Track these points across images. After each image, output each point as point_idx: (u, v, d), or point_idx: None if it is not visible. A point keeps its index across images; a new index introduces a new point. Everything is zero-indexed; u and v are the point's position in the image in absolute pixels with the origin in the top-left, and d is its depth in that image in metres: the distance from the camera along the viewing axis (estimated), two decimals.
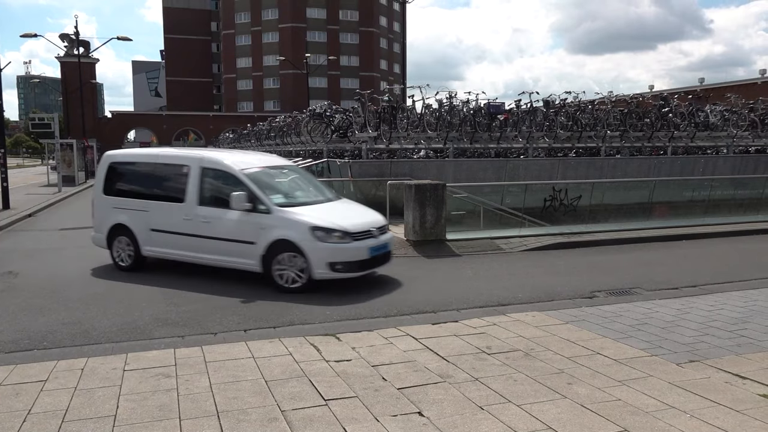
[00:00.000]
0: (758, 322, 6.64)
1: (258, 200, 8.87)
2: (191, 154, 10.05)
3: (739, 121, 22.83)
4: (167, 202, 9.70)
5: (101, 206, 10.58)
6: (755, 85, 49.12)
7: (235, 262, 9.12)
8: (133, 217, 10.03)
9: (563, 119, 20.37)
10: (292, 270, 8.59)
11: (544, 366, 5.39)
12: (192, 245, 9.38)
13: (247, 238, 8.86)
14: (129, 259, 10.19)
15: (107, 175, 10.56)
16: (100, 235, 10.55)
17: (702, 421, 4.24)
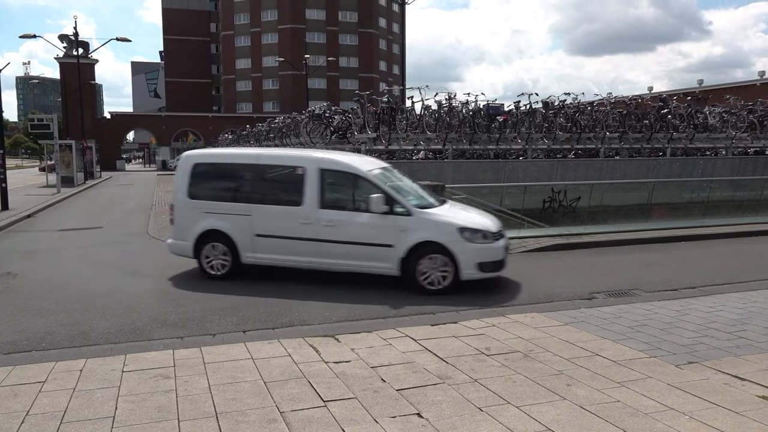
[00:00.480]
0: (757, 324, 6.65)
1: (395, 202, 8.66)
2: (304, 154, 9.84)
3: (738, 123, 22.84)
4: (279, 205, 9.17)
5: (186, 211, 9.59)
6: (754, 86, 49.17)
7: (366, 265, 8.85)
8: (232, 222, 9.25)
9: (562, 120, 20.38)
10: (436, 272, 8.50)
11: (543, 367, 5.38)
12: (311, 250, 8.93)
13: (384, 241, 8.62)
14: (223, 268, 9.38)
15: (192, 177, 9.62)
16: (185, 243, 9.53)
17: (701, 423, 4.24)
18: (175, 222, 9.82)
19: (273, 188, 9.45)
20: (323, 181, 8.96)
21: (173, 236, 9.93)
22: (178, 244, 9.77)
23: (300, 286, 8.93)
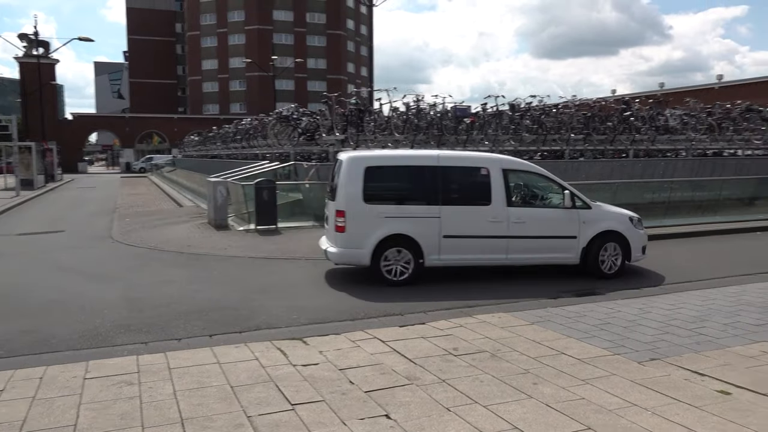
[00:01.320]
0: (716, 321, 6.82)
1: (576, 197, 9.56)
2: (485, 155, 10.39)
3: (698, 125, 23.43)
4: (467, 205, 9.27)
5: (363, 216, 9.00)
6: (713, 90, 50.54)
7: (549, 257, 9.64)
8: (417, 225, 9.05)
9: (528, 122, 20.63)
10: (611, 258, 9.58)
11: (510, 366, 5.44)
12: (501, 247, 9.29)
13: (568, 233, 9.47)
14: (405, 272, 9.07)
15: (366, 181, 9.05)
16: (359, 251, 9.00)
17: (663, 418, 4.34)
18: (348, 229, 9.00)
19: (458, 189, 9.49)
20: (507, 180, 9.35)
21: (342, 245, 9.12)
22: (348, 252, 9.14)
23: None
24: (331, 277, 9.86)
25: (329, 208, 9.62)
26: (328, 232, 9.77)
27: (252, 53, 75.85)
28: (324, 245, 9.65)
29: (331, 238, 9.50)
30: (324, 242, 9.79)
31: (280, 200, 15.19)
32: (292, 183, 17.44)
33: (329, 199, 9.68)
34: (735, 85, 50.88)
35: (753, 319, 6.88)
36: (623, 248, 9.61)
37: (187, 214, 19.42)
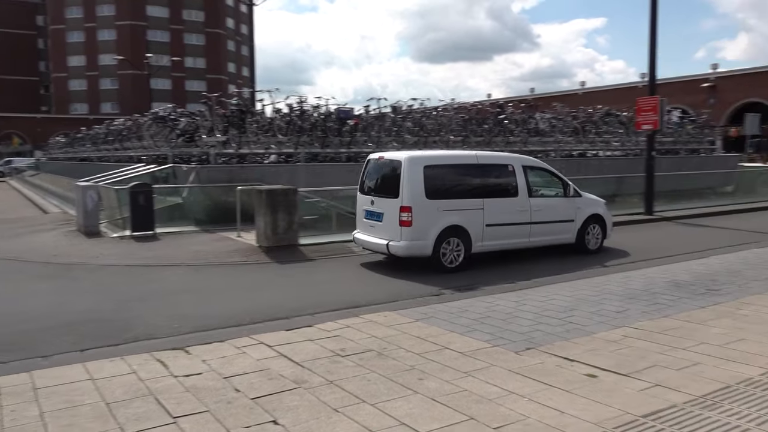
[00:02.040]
0: (584, 310, 7.35)
1: (571, 187, 11.58)
2: (509, 155, 12.38)
3: (564, 128, 25.13)
4: (501, 197, 10.73)
5: (425, 211, 9.91)
6: (577, 95, 54.42)
7: (554, 239, 11.48)
8: (467, 217, 10.27)
9: (410, 124, 21.14)
10: (594, 236, 11.82)
11: (397, 364, 5.55)
12: (525, 232, 10.96)
13: (569, 217, 11.52)
14: (458, 260, 10.23)
15: (425, 179, 9.97)
16: (423, 242, 9.93)
17: (538, 404, 4.61)
18: (415, 223, 9.83)
19: (493, 183, 10.85)
20: (526, 175, 11.00)
21: (408, 238, 9.92)
22: (415, 245, 9.96)
23: None
24: (215, 282, 9.57)
25: (378, 204, 10.47)
26: (373, 228, 10.61)
27: (124, 50, 71.87)
28: (376, 239, 10.46)
29: (389, 232, 10.19)
30: (370, 237, 10.66)
31: (158, 204, 14.52)
32: (170, 186, 16.72)
33: (377, 195, 10.53)
34: (596, 91, 55.14)
35: (615, 306, 7.48)
36: (602, 228, 11.92)
37: (53, 221, 18.04)
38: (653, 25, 17.13)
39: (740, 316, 6.91)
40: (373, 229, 10.62)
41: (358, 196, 11.14)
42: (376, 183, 10.72)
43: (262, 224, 11.85)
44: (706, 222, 16.59)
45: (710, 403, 4.55)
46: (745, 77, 47.71)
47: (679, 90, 46.68)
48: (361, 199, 11.00)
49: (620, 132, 26.55)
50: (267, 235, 11.79)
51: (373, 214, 10.57)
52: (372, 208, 10.62)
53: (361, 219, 11.05)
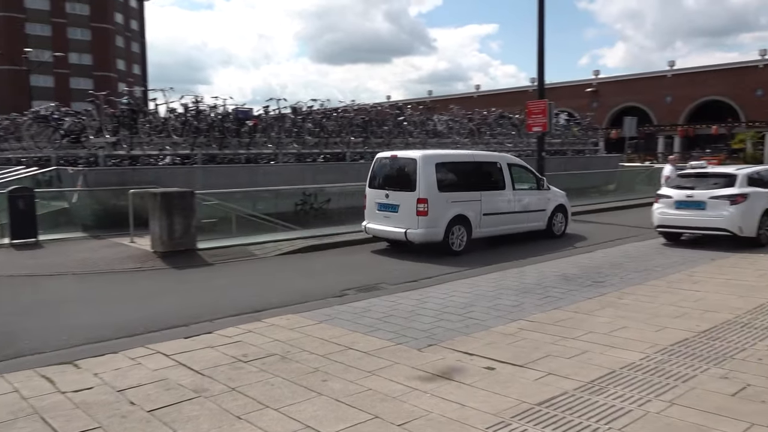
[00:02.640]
0: (482, 305, 7.62)
1: (544, 182, 13.85)
2: (496, 153, 14.69)
3: (461, 130, 25.94)
4: (493, 190, 12.58)
5: (438, 203, 11.46)
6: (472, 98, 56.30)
7: (531, 226, 13.36)
8: (469, 207, 11.96)
9: (310, 126, 21.03)
10: (559, 223, 13.87)
11: (301, 367, 5.50)
12: (510, 220, 12.84)
13: (542, 207, 13.56)
14: (462, 244, 11.78)
15: (437, 175, 11.58)
16: (436, 229, 11.43)
17: (440, 398, 4.72)
18: (430, 213, 11.36)
19: (486, 178, 12.68)
20: (511, 171, 12.93)
21: (424, 226, 11.39)
22: (430, 232, 11.45)
23: None
24: (107, 291, 9.08)
25: (393, 197, 11.87)
26: (388, 218, 11.96)
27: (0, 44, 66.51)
28: (393, 228, 11.83)
29: (406, 222, 11.55)
30: (385, 226, 12.02)
31: (41, 210, 13.57)
32: (55, 190, 15.68)
33: (392, 189, 11.93)
34: (490, 94, 57.34)
35: (511, 301, 7.81)
36: (565, 217, 14.06)
37: None
38: (541, 32, 18.05)
39: (622, 306, 7.43)
40: (388, 219, 11.96)
41: (369, 191, 12.49)
42: (389, 178, 12.16)
43: (158, 229, 11.37)
44: (592, 218, 17.68)
45: (597, 388, 4.85)
46: (624, 83, 51.29)
47: (565, 94, 49.44)
48: (373, 193, 12.36)
49: (513, 134, 27.75)
50: (163, 240, 11.32)
51: (388, 206, 11.96)
52: (387, 201, 11.99)
53: (373, 211, 12.35)
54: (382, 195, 12.10)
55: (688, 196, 11.93)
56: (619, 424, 4.19)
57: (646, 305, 7.42)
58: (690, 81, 46.54)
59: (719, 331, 6.26)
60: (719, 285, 8.45)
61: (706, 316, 6.87)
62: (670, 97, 47.21)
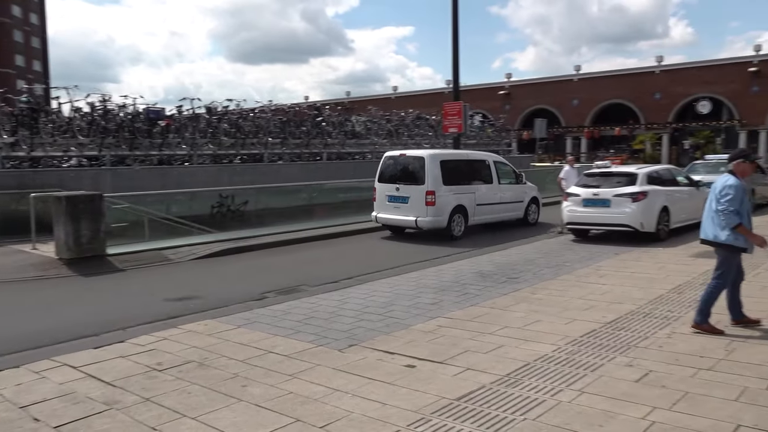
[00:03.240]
0: (402, 304, 7.70)
1: (522, 177, 16.12)
2: (484, 153, 16.81)
3: (379, 131, 26.17)
4: (484, 184, 14.76)
5: (443, 195, 13.49)
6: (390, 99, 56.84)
7: (511, 215, 15.59)
8: (467, 198, 14.02)
9: (226, 126, 20.60)
10: (533, 213, 16.25)
11: (219, 373, 5.37)
12: (497, 209, 15.00)
13: (520, 199, 15.80)
14: (461, 231, 13.90)
15: (441, 171, 13.56)
16: (441, 218, 13.46)
17: (361, 398, 4.74)
18: (437, 204, 13.36)
19: (478, 173, 14.77)
20: (497, 168, 15.14)
21: (432, 214, 13.38)
22: (437, 220, 13.46)
23: None
24: (6, 301, 8.52)
25: (403, 189, 13.74)
26: (398, 209, 13.86)
27: None
28: (403, 217, 13.79)
29: (415, 211, 13.52)
30: (396, 215, 13.95)
31: None
32: None
33: (402, 183, 13.81)
34: (408, 96, 58.07)
35: (429, 299, 7.95)
36: (538, 207, 16.42)
37: None
38: (455, 36, 18.48)
39: (535, 300, 7.72)
40: (398, 209, 13.87)
41: (378, 185, 14.28)
42: (399, 174, 13.98)
43: (63, 234, 10.77)
44: None
45: (513, 380, 5.02)
46: (534, 86, 53.30)
47: (480, 96, 50.81)
48: (383, 187, 14.15)
49: (430, 134, 28.27)
50: (69, 245, 10.73)
51: (399, 198, 13.82)
52: (397, 193, 13.85)
53: (383, 202, 14.14)
54: (392, 188, 13.91)
55: (595, 195, 12.55)
56: (533, 414, 4.35)
57: (557, 299, 7.75)
58: (594, 85, 48.98)
59: (624, 322, 6.63)
60: (623, 278, 8.95)
61: (612, 307, 7.25)
62: (576, 100, 49.50)
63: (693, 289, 8.01)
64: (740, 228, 5.92)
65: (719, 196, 6.00)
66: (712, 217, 6.15)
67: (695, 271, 9.24)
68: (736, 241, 5.99)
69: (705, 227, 6.27)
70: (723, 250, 6.12)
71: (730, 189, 5.95)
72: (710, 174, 17.04)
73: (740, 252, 6.08)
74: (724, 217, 5.95)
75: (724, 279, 6.13)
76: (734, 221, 5.90)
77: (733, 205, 5.89)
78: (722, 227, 6.01)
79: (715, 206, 6.07)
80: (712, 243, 6.21)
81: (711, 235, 6.17)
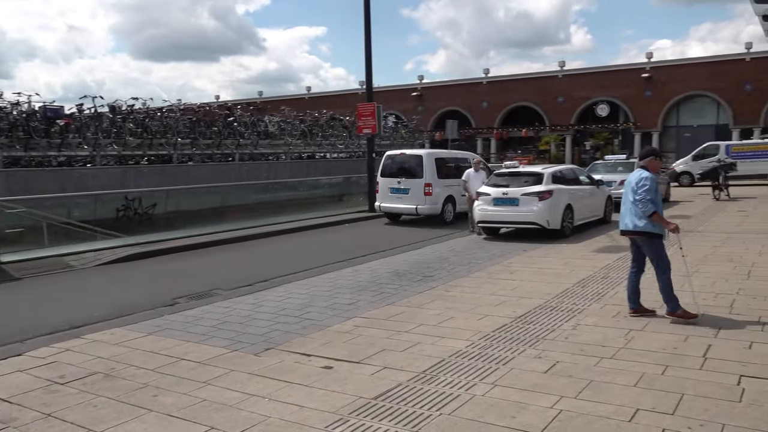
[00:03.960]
0: (318, 305, 7.67)
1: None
2: (466, 152, 19.29)
3: (293, 131, 25.91)
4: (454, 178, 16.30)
5: (438, 187, 16.06)
6: (304, 99, 56.41)
7: None
8: (454, 190, 16.10)
9: (132, 126, 19.74)
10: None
11: (128, 383, 5.14)
12: None
13: None
14: (450, 217, 16.19)
15: (436, 167, 16.15)
16: (437, 206, 16.06)
17: (278, 402, 4.68)
18: (433, 194, 15.94)
19: (460, 170, 15.87)
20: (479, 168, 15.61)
21: (429, 203, 16.00)
22: (433, 207, 16.02)
23: None
24: None
25: (404, 183, 16.24)
26: (400, 199, 16.35)
27: None
28: (405, 206, 16.32)
29: (415, 201, 16.11)
30: (399, 204, 16.46)
31: None
32: None
33: (403, 177, 16.29)
34: (322, 96, 57.82)
35: (346, 299, 7.95)
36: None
37: None
38: (368, 37, 18.61)
39: (449, 298, 7.90)
40: (400, 200, 16.32)
41: (381, 179, 16.77)
42: (399, 169, 16.46)
43: None
44: None
45: (429, 377, 5.12)
46: (446, 88, 54.47)
47: (393, 98, 51.30)
48: (386, 181, 16.63)
49: (344, 135, 28.32)
50: None
51: (400, 189, 16.27)
52: (399, 186, 16.31)
53: (386, 194, 16.60)
54: (394, 182, 16.42)
55: (504, 194, 13.00)
56: (449, 409, 4.45)
57: (470, 296, 7.96)
58: (503, 88, 50.64)
59: (532, 316, 6.91)
60: (532, 274, 9.32)
61: (522, 302, 7.53)
62: (486, 102, 51.01)
63: (595, 283, 8.46)
64: (655, 215, 6.34)
65: (636, 188, 6.42)
66: (630, 208, 6.56)
67: (597, 265, 9.76)
68: (654, 228, 6.43)
69: (624, 220, 6.68)
70: (644, 239, 6.53)
71: (647, 181, 6.40)
72: (610, 173, 18.09)
73: (659, 238, 6.49)
74: (641, 205, 6.37)
75: (664, 264, 6.49)
76: (651, 209, 6.34)
77: (649, 194, 6.34)
78: (639, 216, 6.43)
79: (632, 197, 6.49)
80: (632, 233, 6.60)
81: (631, 225, 6.57)
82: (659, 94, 42.51)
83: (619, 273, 8.98)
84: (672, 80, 41.94)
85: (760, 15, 12.97)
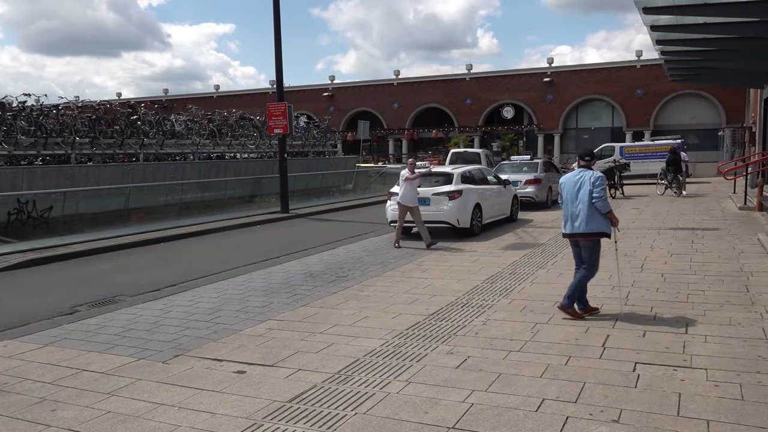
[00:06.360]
0: (230, 308, 7.49)
1: None
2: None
3: (201, 131, 25.16)
4: None
5: None
6: (212, 98, 54.95)
7: None
8: None
9: (24, 124, 18.49)
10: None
11: (23, 399, 4.82)
12: None
13: None
14: None
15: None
16: None
17: (189, 410, 4.53)
18: None
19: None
20: None
21: None
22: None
23: None
24: None
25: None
26: None
27: None
28: None
29: None
30: None
31: None
32: None
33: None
34: (231, 95, 56.53)
35: (259, 302, 7.82)
36: None
37: None
38: (278, 36, 18.36)
39: (364, 297, 7.94)
40: None
41: None
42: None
43: None
44: (333, 216, 18.56)
45: (344, 377, 5.12)
46: (357, 89, 54.69)
47: (305, 98, 50.94)
48: None
49: (255, 135, 27.81)
50: None
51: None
52: None
53: None
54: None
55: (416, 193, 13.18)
56: (364, 408, 4.47)
57: (384, 295, 8.03)
58: (413, 90, 51.46)
59: (444, 313, 7.06)
60: (443, 271, 9.53)
61: (434, 300, 7.69)
62: (396, 103, 51.63)
63: (504, 279, 8.77)
64: (611, 213, 6.55)
65: (593, 187, 6.47)
66: (583, 209, 6.49)
67: (505, 262, 10.11)
68: (607, 228, 6.58)
69: (575, 222, 6.56)
70: (589, 240, 6.59)
71: (602, 180, 6.57)
72: (515, 173, 18.78)
73: (605, 238, 6.62)
74: (601, 204, 6.48)
75: (596, 267, 6.67)
76: (609, 207, 6.52)
77: (605, 192, 6.55)
78: (594, 217, 6.44)
79: (588, 198, 6.46)
80: (584, 235, 6.56)
81: (584, 227, 6.50)
82: (560, 97, 44.65)
83: (526, 269, 9.35)
84: (571, 85, 44.16)
85: (648, 25, 13.86)
